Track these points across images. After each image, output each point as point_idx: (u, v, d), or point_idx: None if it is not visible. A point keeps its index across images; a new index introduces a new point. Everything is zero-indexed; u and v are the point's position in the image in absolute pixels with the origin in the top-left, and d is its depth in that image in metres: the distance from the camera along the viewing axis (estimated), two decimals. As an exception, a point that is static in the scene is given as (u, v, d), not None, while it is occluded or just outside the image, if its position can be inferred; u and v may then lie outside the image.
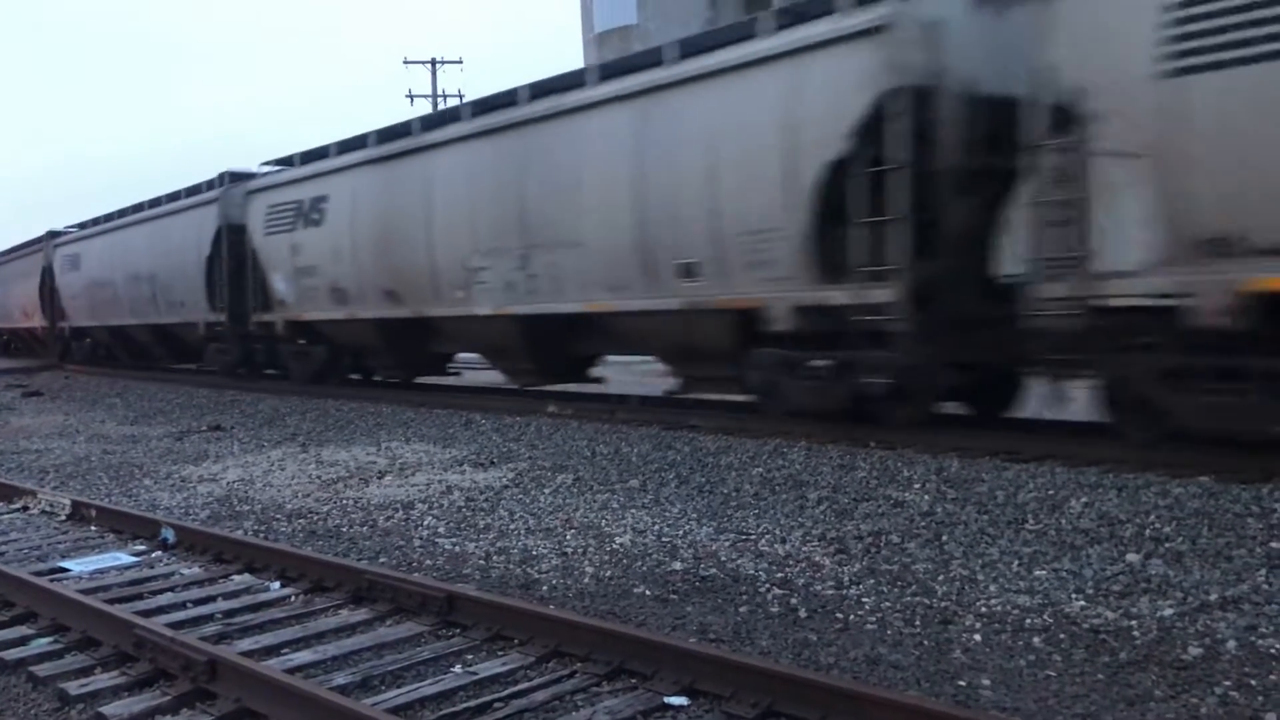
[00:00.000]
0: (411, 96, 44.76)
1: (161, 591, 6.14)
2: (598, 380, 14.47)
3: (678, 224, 10.88)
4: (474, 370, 18.90)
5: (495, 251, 13.19)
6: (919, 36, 9.08)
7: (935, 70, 9.05)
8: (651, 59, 11.70)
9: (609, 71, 12.29)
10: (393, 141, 15.32)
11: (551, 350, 13.48)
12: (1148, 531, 6.21)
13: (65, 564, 6.79)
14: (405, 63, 46.58)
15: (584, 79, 12.54)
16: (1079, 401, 8.99)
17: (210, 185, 20.14)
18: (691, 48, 11.23)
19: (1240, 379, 7.28)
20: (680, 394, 12.42)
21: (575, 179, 12.07)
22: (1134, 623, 4.87)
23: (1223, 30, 7.05)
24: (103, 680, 4.63)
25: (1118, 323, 7.80)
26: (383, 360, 16.61)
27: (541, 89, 13.04)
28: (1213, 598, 5.09)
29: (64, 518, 8.36)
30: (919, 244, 9.13)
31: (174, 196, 21.63)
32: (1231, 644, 4.55)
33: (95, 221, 25.72)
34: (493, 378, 16.18)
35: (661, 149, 11.03)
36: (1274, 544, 5.82)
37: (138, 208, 23.27)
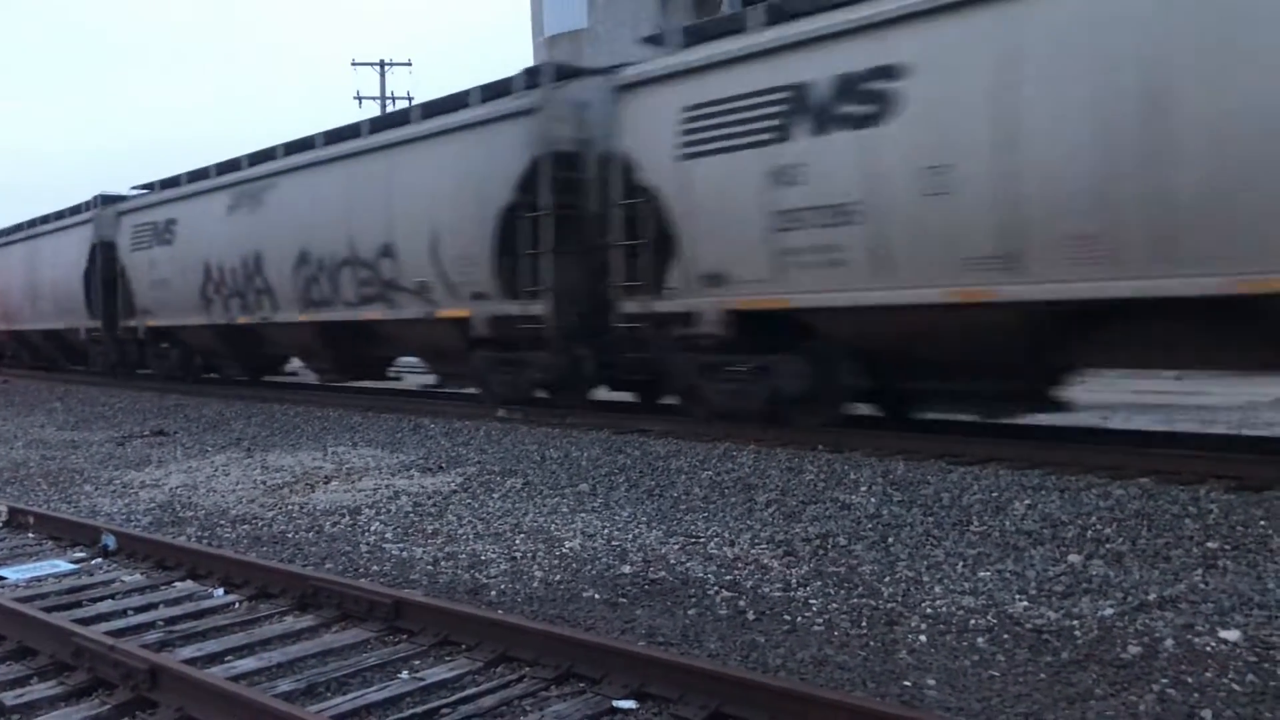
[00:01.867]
0: (360, 98, 44.44)
1: (101, 599, 6.03)
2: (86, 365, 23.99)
3: (65, 294, 23.11)
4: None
5: (29, 296, 25.42)
6: (108, 219, 21.35)
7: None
8: (38, 221, 25.62)
9: (59, 215, 24.50)
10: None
11: (65, 350, 25.03)
12: (1089, 533, 6.31)
13: (1, 572, 6.64)
14: (353, 64, 46.23)
15: (48, 220, 25.12)
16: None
17: None
18: (54, 216, 24.78)
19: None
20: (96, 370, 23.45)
21: (41, 268, 24.59)
22: (1075, 623, 4.95)
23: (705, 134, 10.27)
24: (40, 690, 4.54)
25: None
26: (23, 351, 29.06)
27: (42, 220, 25.36)
28: (1151, 597, 5.19)
29: (0, 525, 8.18)
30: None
31: None
32: (1169, 642, 4.64)
33: None
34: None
35: (52, 260, 23.95)
36: (1210, 544, 5.95)
37: None
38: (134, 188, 21.98)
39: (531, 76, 12.17)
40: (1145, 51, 7.38)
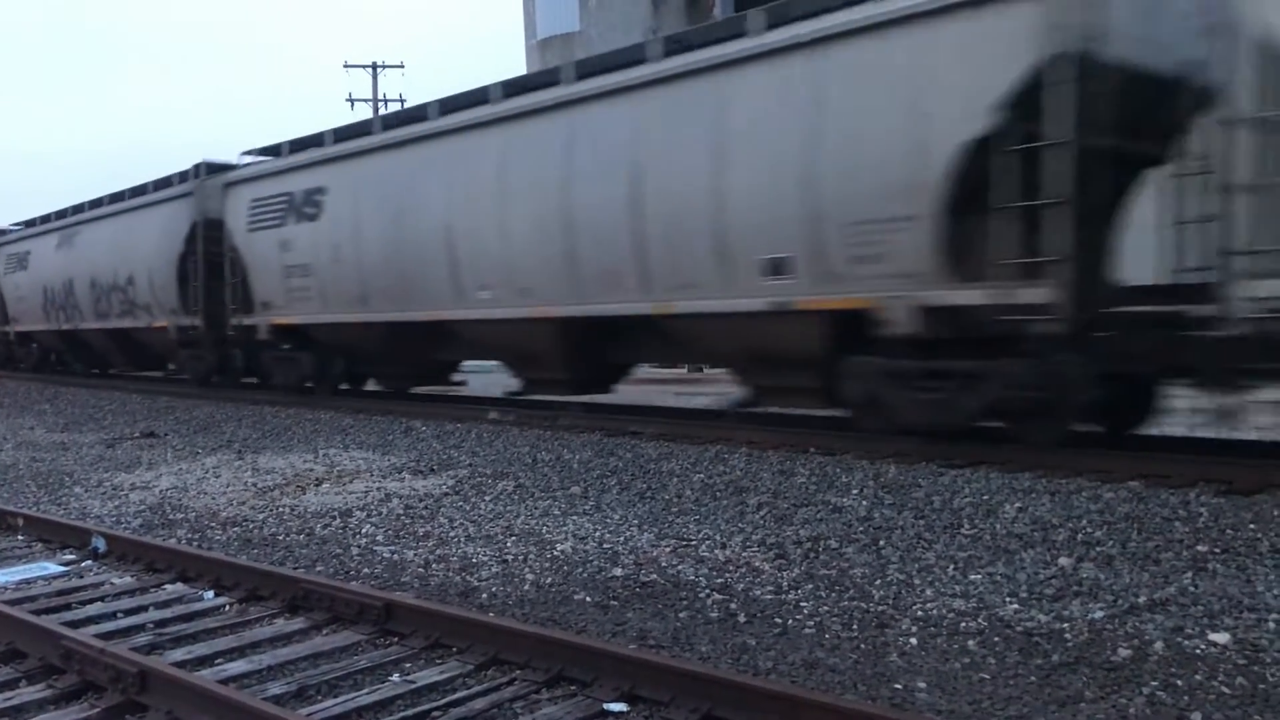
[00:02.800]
0: (352, 100, 44.46)
1: (91, 601, 6.01)
2: None
3: None
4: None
5: None
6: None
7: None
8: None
9: None
10: None
11: None
12: (1079, 535, 6.33)
13: (-10, 574, 6.63)
14: (345, 66, 46.05)
15: None
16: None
17: None
18: None
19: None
20: None
21: None
22: (1066, 625, 4.96)
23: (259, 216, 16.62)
24: (29, 693, 4.51)
25: None
26: None
27: None
28: (1141, 600, 5.21)
29: (-11, 527, 8.15)
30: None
31: None
32: (1159, 645, 4.65)
33: None
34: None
35: None
36: (1200, 547, 5.97)
37: None
38: (11, 224, 27.85)
39: (197, 170, 18.45)
40: (393, 195, 14.08)
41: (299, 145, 16.39)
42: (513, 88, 12.76)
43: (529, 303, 12.06)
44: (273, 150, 17.19)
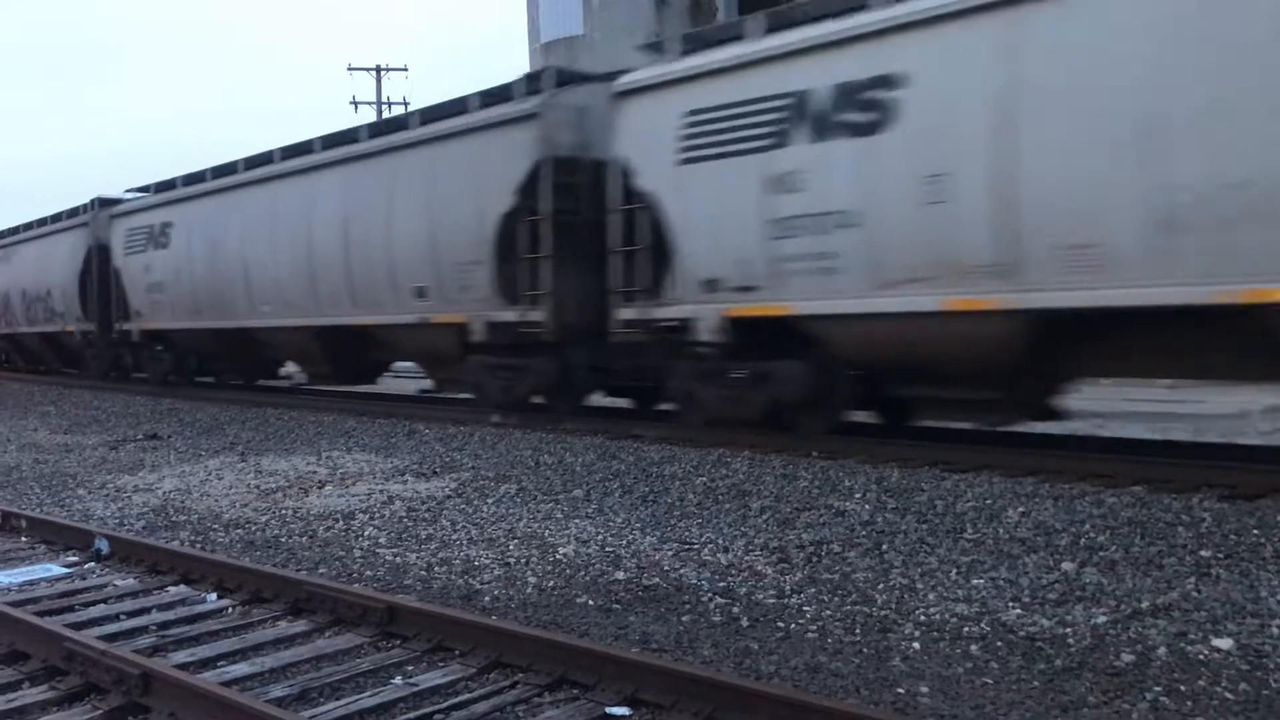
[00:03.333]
0: (356, 103, 44.44)
1: (94, 603, 6.02)
2: None
3: None
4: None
5: None
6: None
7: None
8: None
9: None
10: None
11: None
12: (1082, 540, 6.32)
13: (-6, 576, 6.63)
14: (349, 69, 46.07)
15: None
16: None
17: None
18: None
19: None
20: None
21: None
22: (1069, 630, 4.96)
23: (131, 243, 20.93)
24: (32, 695, 4.53)
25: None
26: None
27: None
28: (1144, 605, 5.20)
29: (-7, 528, 8.16)
30: None
31: None
32: (1162, 650, 4.65)
33: None
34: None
35: None
36: (1203, 552, 5.96)
37: None
38: None
39: (93, 204, 22.71)
40: (212, 231, 18.32)
41: (163, 186, 20.47)
42: (288, 152, 16.85)
43: (292, 314, 16.26)
44: (146, 189, 21.22)
